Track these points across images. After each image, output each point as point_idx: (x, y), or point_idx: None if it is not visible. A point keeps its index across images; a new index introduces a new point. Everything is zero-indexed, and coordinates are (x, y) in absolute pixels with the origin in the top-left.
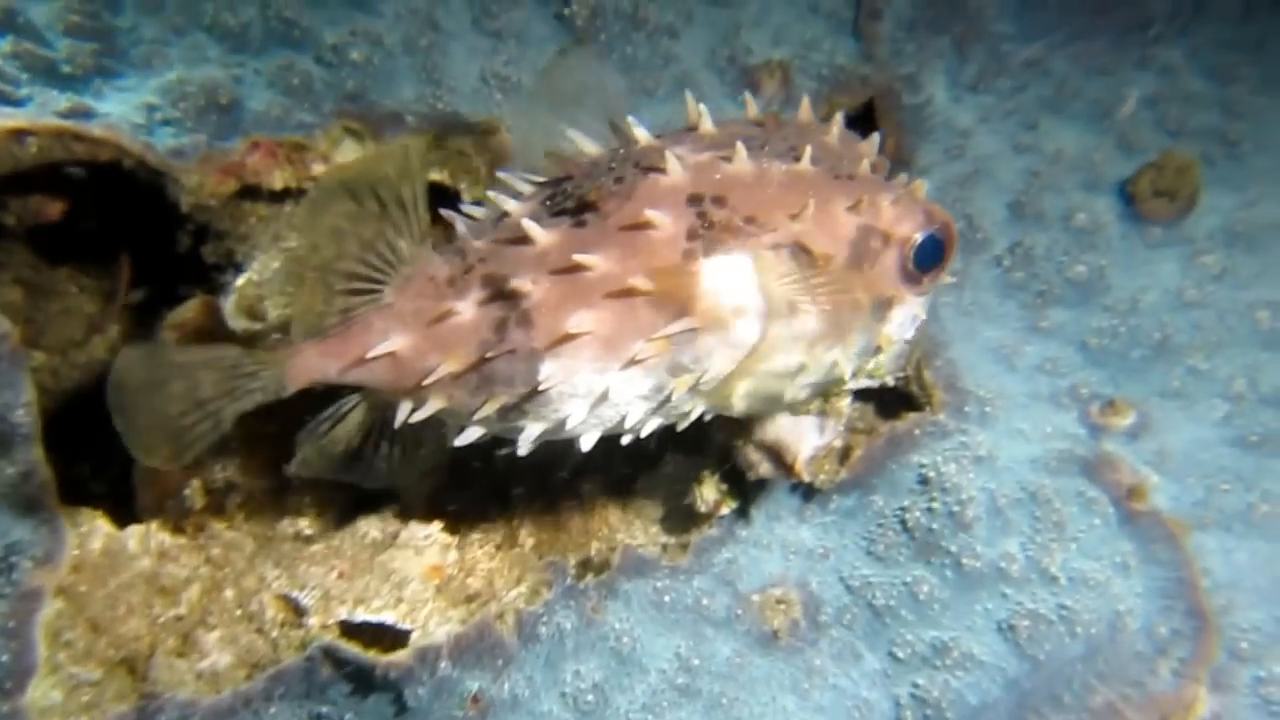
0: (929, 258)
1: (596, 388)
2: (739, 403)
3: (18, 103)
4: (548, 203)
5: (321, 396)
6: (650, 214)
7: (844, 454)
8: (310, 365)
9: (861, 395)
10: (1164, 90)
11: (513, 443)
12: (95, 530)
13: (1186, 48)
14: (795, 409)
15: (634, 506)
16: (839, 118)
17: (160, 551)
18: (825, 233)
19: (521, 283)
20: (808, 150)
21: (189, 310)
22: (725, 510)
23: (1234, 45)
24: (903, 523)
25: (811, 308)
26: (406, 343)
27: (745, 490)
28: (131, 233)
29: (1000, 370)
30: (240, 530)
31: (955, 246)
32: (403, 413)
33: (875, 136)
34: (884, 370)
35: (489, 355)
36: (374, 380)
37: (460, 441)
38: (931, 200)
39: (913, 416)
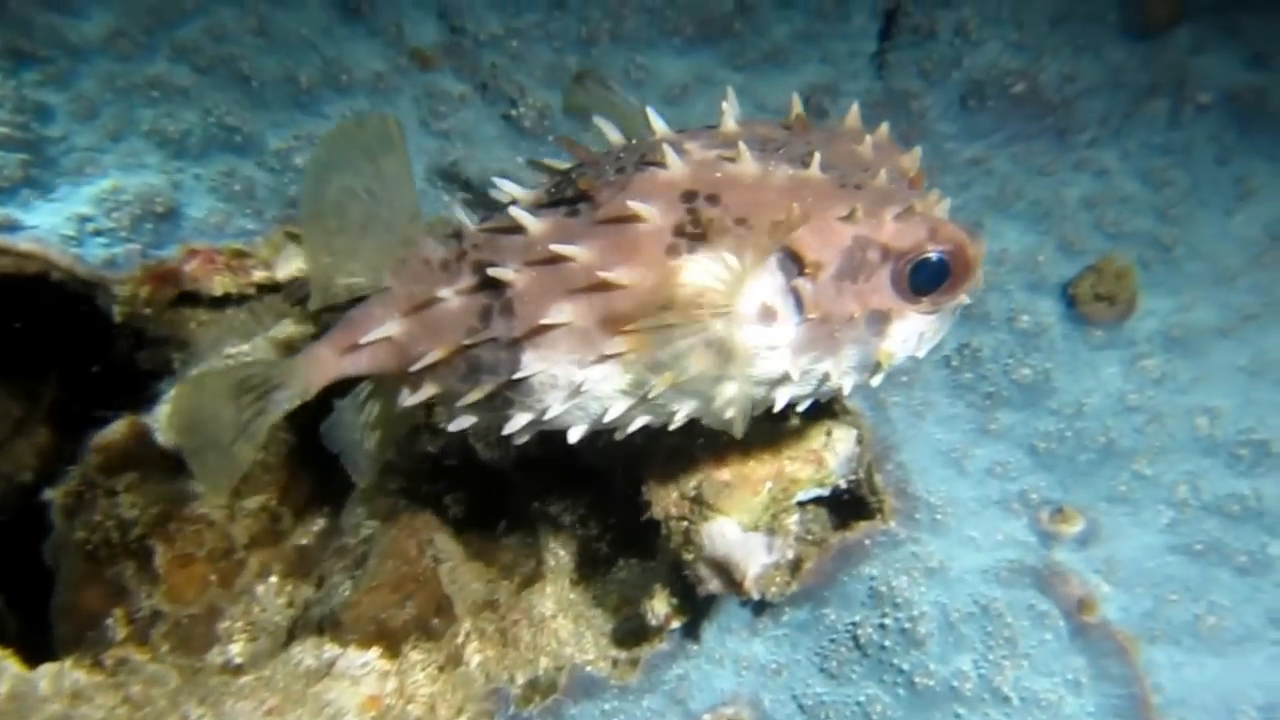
0: (928, 278)
1: (575, 380)
2: (727, 409)
3: None
4: (552, 190)
5: None
6: (637, 206)
7: (795, 565)
8: (327, 362)
9: (814, 500)
10: (1101, 193)
11: None
12: (2, 672)
13: (1120, 151)
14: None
15: (585, 616)
16: (883, 128)
17: (74, 692)
18: (817, 240)
19: (505, 271)
20: (816, 156)
21: (115, 432)
22: (676, 624)
23: (1164, 150)
24: (855, 639)
25: (793, 315)
26: (400, 329)
27: (697, 603)
28: (63, 338)
29: (951, 474)
30: (165, 662)
31: (970, 270)
32: (402, 398)
33: (918, 150)
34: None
35: (474, 342)
36: (379, 367)
37: (454, 428)
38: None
39: (863, 526)
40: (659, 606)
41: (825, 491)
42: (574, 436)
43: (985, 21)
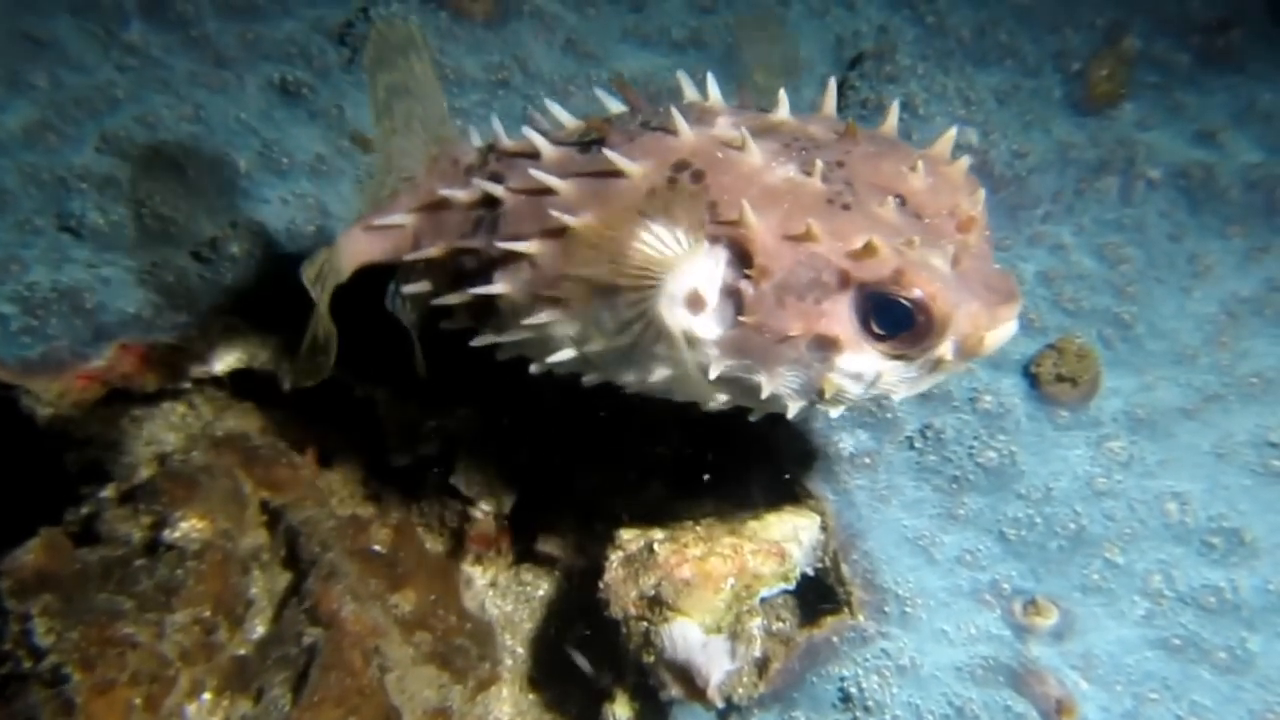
0: (892, 320)
1: (533, 316)
2: (663, 386)
3: None
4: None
5: None
6: (623, 162)
7: (763, 664)
8: (357, 241)
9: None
10: (1057, 268)
11: None
12: None
13: (1074, 226)
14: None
15: None
16: (960, 162)
17: None
18: (769, 246)
19: (498, 188)
20: (818, 165)
21: (29, 551)
22: None
23: (1117, 226)
24: None
25: (727, 313)
26: (412, 219)
27: (659, 707)
28: None
29: (920, 563)
30: None
31: (936, 327)
32: (402, 286)
33: (981, 192)
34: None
35: (462, 248)
36: (394, 253)
37: (445, 325)
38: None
39: (830, 622)
40: (620, 711)
41: (790, 586)
42: (532, 369)
43: (933, 97)
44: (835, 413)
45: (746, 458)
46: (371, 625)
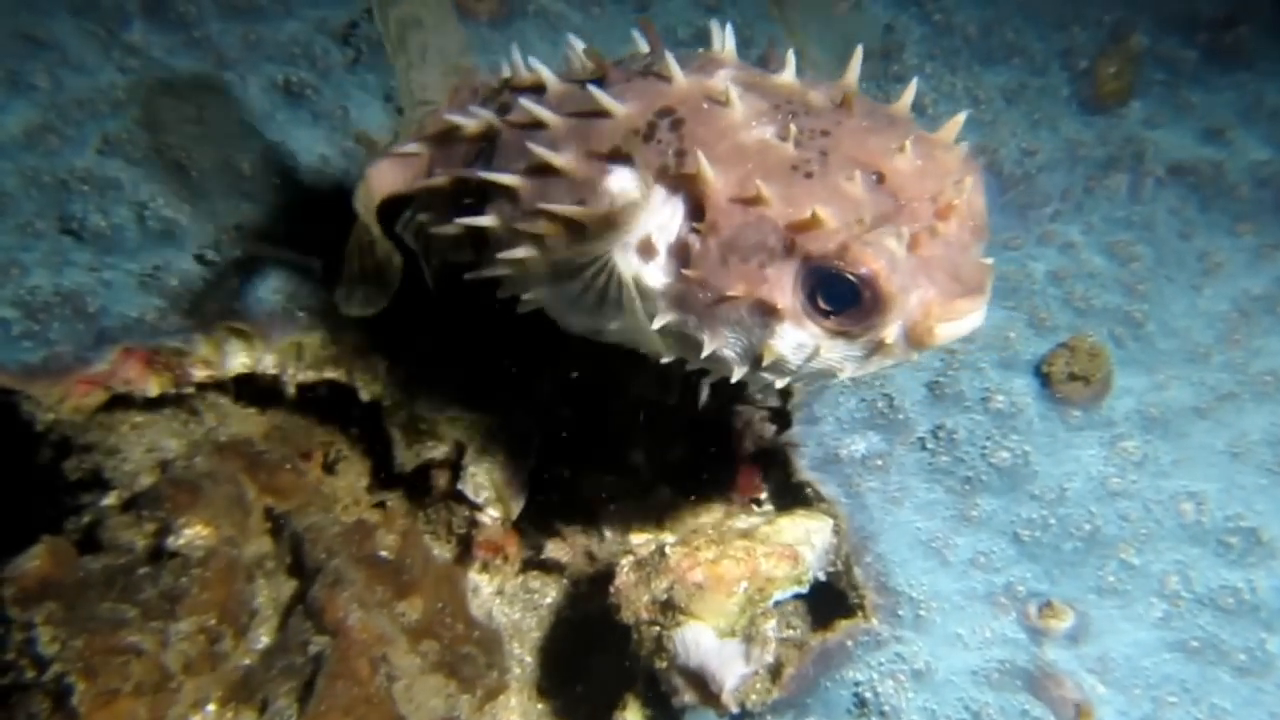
0: (835, 296)
1: (512, 251)
2: (619, 334)
3: None
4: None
5: None
6: (609, 102)
7: (775, 670)
8: (383, 175)
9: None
10: (1068, 267)
11: None
12: None
13: (1083, 225)
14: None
15: None
16: (958, 148)
17: None
18: (721, 203)
19: (494, 119)
20: (792, 130)
21: (33, 558)
22: None
23: (1126, 224)
24: None
25: (674, 264)
26: (427, 150)
27: (672, 712)
28: None
29: (933, 566)
30: None
31: (879, 308)
32: (413, 213)
33: (970, 180)
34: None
35: (462, 178)
36: (413, 182)
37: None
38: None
39: (844, 626)
40: (632, 718)
41: (803, 589)
42: (518, 309)
43: (941, 97)
44: (781, 383)
45: (754, 460)
46: (378, 633)
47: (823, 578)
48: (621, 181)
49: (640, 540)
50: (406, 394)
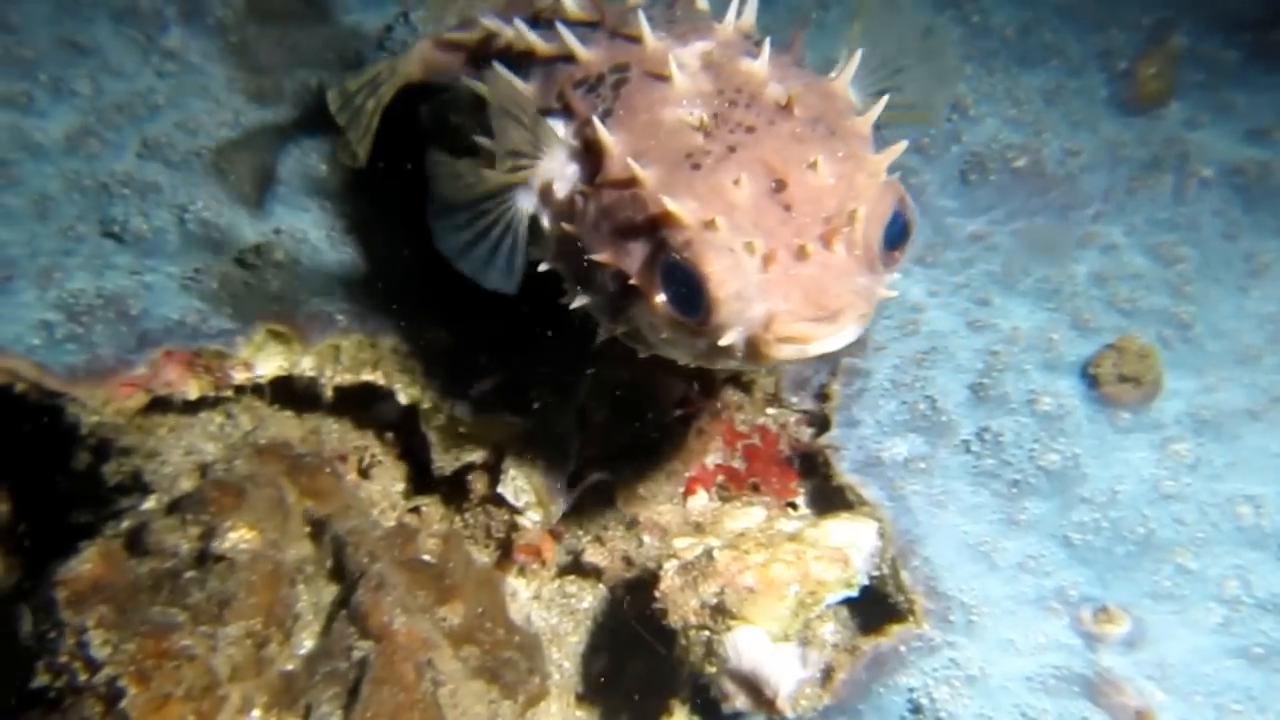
0: (676, 291)
1: (482, 139)
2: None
3: None
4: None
5: None
6: (575, 45)
7: (825, 675)
8: (425, 52)
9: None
10: (1110, 269)
11: None
12: None
13: (1125, 226)
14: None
15: None
16: (877, 160)
17: None
18: (616, 172)
19: (504, 29)
20: (703, 119)
21: (85, 561)
22: None
23: (1170, 225)
24: None
25: (555, 213)
26: (477, 36)
27: (721, 719)
28: (17, 452)
29: (981, 570)
30: None
31: (710, 310)
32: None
33: (872, 185)
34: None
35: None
36: (453, 68)
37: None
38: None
39: (896, 631)
40: None
41: (853, 593)
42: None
43: (981, 98)
44: (645, 353)
45: (790, 463)
46: (423, 638)
47: (867, 582)
48: (556, 128)
49: (683, 544)
50: (445, 397)
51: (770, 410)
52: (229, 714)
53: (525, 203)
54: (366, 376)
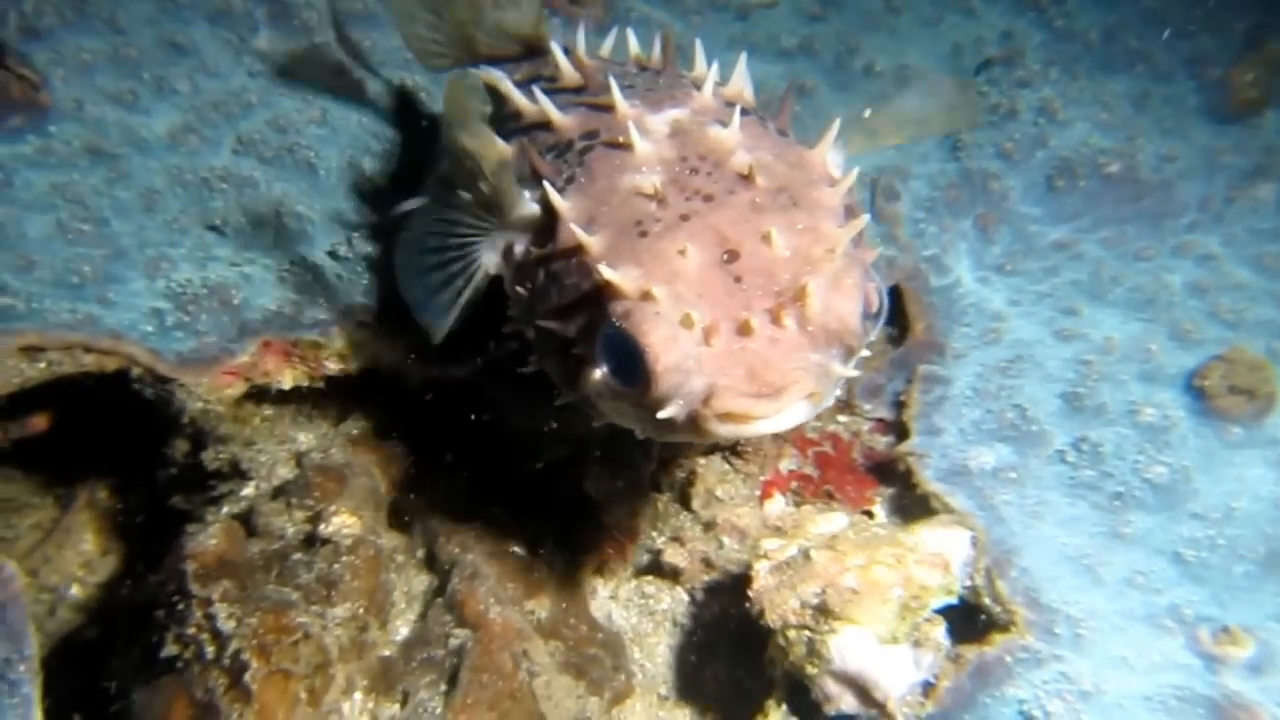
0: (619, 360)
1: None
2: None
3: (25, 316)
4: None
5: None
6: (553, 112)
7: (927, 684)
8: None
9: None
10: (1209, 279)
11: None
12: None
13: (1224, 236)
14: None
15: None
16: (835, 233)
17: None
18: (566, 238)
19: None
20: (657, 187)
21: (211, 536)
22: None
23: (1274, 236)
24: None
25: (513, 273)
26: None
27: None
28: (118, 438)
29: (1085, 584)
30: None
31: (648, 381)
32: None
33: (815, 284)
34: None
35: None
36: None
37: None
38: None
39: (1000, 640)
40: None
41: (954, 600)
42: None
43: (1069, 102)
44: (599, 422)
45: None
46: (517, 628)
47: (960, 593)
48: (516, 191)
49: (773, 545)
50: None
51: (842, 418)
52: (335, 694)
53: (489, 259)
54: (454, 371)
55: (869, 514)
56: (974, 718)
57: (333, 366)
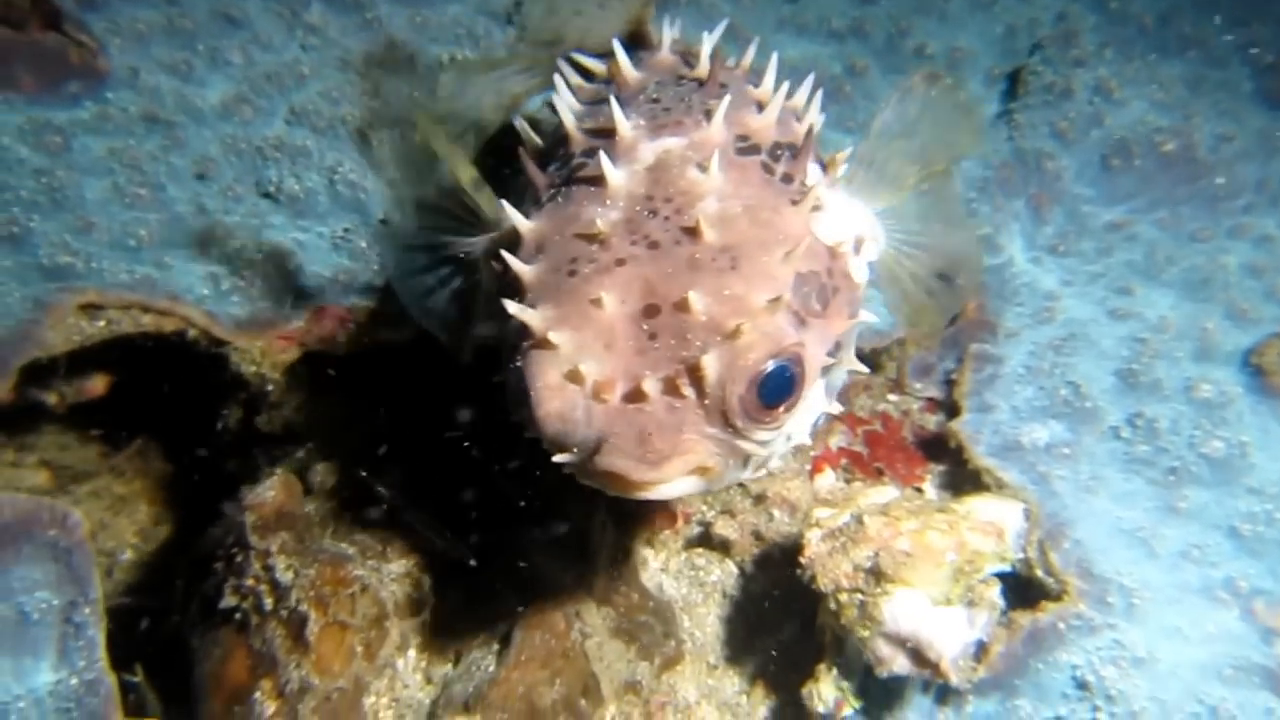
0: (518, 403)
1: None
2: None
3: (85, 276)
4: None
5: None
6: (568, 124)
7: (982, 648)
8: None
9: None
10: (1266, 261)
11: None
12: None
13: None
14: None
15: (730, 705)
16: (760, 309)
17: None
18: (522, 255)
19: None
20: (599, 228)
21: (270, 489)
22: (847, 711)
23: None
24: None
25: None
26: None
27: (868, 687)
28: (173, 407)
29: (1139, 556)
30: None
31: (534, 420)
32: None
33: (723, 363)
34: None
35: None
36: None
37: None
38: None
39: (1053, 608)
40: (825, 691)
41: (1007, 568)
42: None
43: (1125, 82)
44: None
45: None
46: (569, 591)
47: (1011, 567)
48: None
49: (825, 514)
50: None
51: (892, 396)
52: (390, 649)
53: (474, 247)
54: None
55: (919, 490)
56: (1026, 682)
57: (385, 334)
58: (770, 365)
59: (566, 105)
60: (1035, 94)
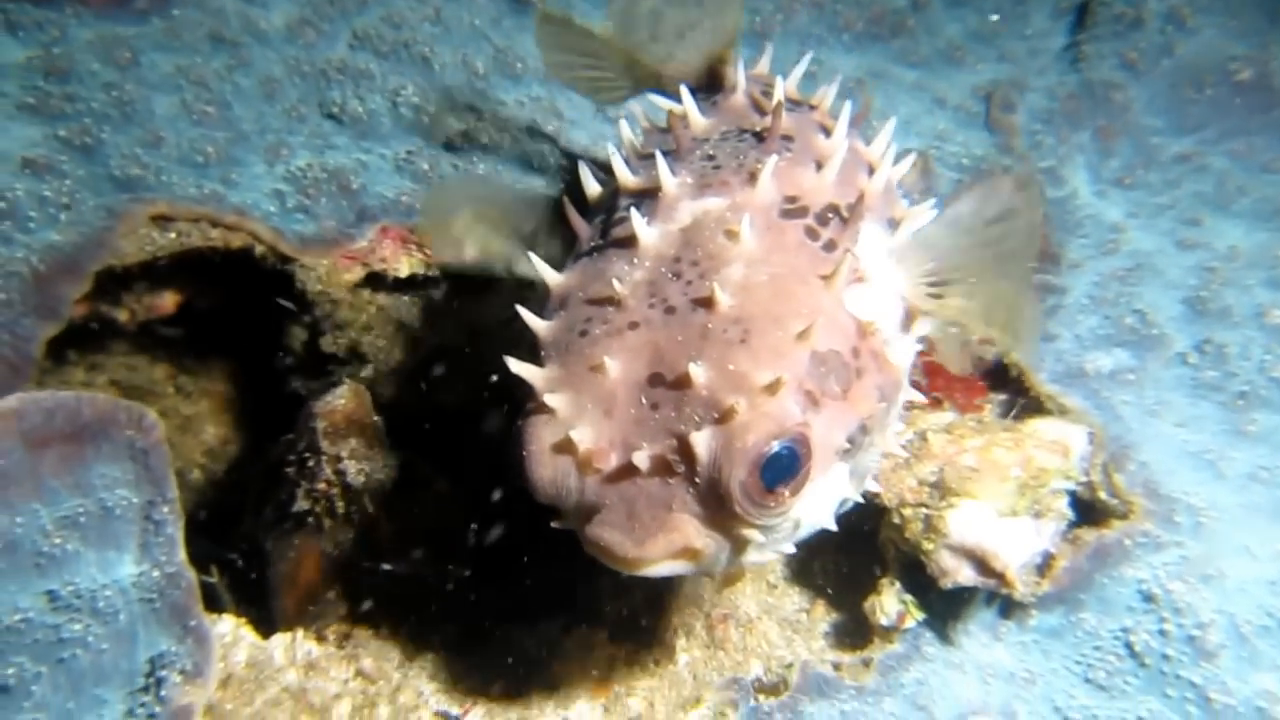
0: (514, 462)
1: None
2: None
3: (155, 188)
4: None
5: None
6: (621, 172)
7: (1043, 564)
8: None
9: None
10: None
11: None
12: (239, 640)
13: None
14: None
15: (790, 621)
16: (765, 395)
17: (308, 663)
18: (546, 305)
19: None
20: (619, 291)
21: (340, 397)
22: (910, 623)
23: None
24: (1128, 646)
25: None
26: None
27: (930, 601)
28: (238, 330)
29: (1207, 478)
30: (387, 639)
31: (528, 484)
32: None
33: (710, 442)
34: None
35: None
36: None
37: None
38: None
39: (1120, 525)
40: (889, 604)
41: (1072, 486)
42: None
43: (1198, 10)
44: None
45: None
46: None
47: (1074, 487)
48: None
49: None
50: None
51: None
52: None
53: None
54: None
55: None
56: (1091, 596)
57: (443, 255)
58: (775, 447)
59: (622, 155)
60: (1104, 24)
